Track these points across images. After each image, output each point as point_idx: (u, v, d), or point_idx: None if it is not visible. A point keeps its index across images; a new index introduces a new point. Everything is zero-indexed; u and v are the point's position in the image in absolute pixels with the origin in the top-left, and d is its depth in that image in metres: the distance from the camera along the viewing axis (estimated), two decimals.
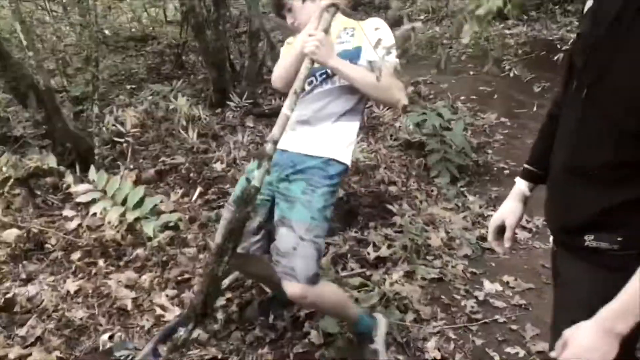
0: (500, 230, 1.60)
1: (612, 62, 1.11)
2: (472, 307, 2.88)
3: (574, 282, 1.31)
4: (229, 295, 2.83)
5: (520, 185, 1.58)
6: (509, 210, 1.57)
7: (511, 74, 7.04)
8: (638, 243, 1.17)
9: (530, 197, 1.58)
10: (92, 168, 3.16)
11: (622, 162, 1.15)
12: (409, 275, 3.07)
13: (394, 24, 2.78)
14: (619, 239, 1.18)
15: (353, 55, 2.09)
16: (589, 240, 1.22)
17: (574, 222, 1.27)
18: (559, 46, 7.23)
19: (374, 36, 1.89)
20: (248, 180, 1.96)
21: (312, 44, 1.89)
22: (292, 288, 1.98)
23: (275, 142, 1.83)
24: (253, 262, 2.34)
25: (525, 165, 1.58)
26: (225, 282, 2.87)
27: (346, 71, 2.01)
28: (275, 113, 5.58)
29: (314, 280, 2.00)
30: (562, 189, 1.32)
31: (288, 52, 2.22)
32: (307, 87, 2.13)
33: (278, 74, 2.24)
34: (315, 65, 1.94)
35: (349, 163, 2.18)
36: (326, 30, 1.94)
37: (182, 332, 1.99)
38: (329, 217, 2.12)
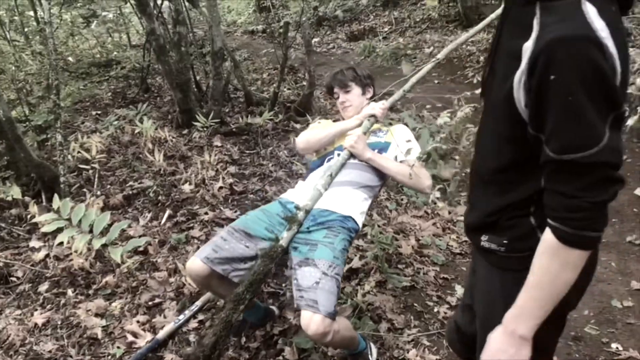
0: None
1: (492, 80, 1.26)
2: (445, 312, 2.90)
3: (481, 279, 1.42)
4: (201, 317, 2.80)
5: None
6: None
7: (474, 81, 7.17)
8: (521, 246, 1.24)
9: None
10: (56, 196, 3.11)
11: (504, 167, 1.25)
12: (381, 285, 3.08)
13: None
14: (504, 241, 1.28)
15: (383, 147, 2.60)
16: (484, 240, 1.33)
17: (474, 223, 1.38)
18: None
19: (405, 146, 2.48)
20: (282, 204, 2.47)
21: (352, 139, 2.42)
22: (313, 320, 1.97)
23: (308, 212, 2.24)
24: (229, 285, 2.33)
25: None
26: (198, 303, 2.85)
27: (380, 162, 2.48)
28: (242, 131, 5.63)
29: (333, 315, 2.02)
30: (470, 191, 1.44)
31: (321, 129, 2.70)
32: (326, 163, 2.59)
33: (307, 143, 2.68)
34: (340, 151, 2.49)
35: (360, 227, 2.46)
36: (365, 133, 2.48)
37: None
38: (343, 267, 2.27)
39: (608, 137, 1.02)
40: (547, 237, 1.12)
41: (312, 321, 1.96)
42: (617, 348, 2.62)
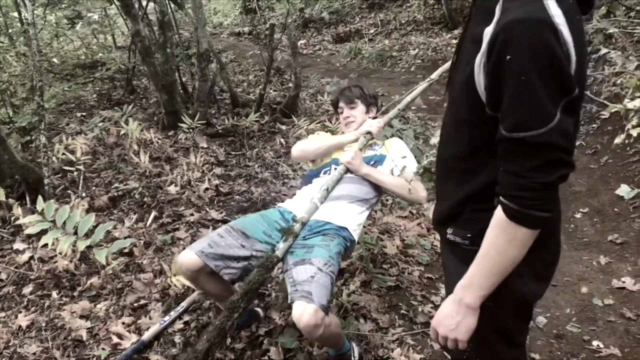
0: None
1: (456, 69, 1.30)
2: (430, 312, 2.93)
3: (448, 272, 1.46)
4: (186, 318, 2.81)
5: None
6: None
7: None
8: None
9: None
10: (40, 198, 3.09)
11: (464, 153, 1.29)
12: (366, 285, 3.11)
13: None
14: (468, 235, 1.31)
15: (379, 159, 2.68)
16: (450, 233, 1.36)
17: (440, 214, 1.42)
18: None
19: (401, 162, 2.52)
20: (280, 212, 2.55)
21: (349, 155, 2.50)
22: (306, 310, 1.98)
23: (304, 224, 2.31)
24: (217, 282, 2.38)
25: None
26: (183, 304, 2.85)
27: (376, 176, 2.55)
28: (228, 133, 5.63)
29: (325, 309, 2.03)
30: (436, 182, 1.48)
31: (319, 141, 2.78)
32: (323, 174, 2.67)
33: (303, 152, 2.76)
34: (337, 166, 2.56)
35: (356, 240, 2.53)
36: (361, 149, 2.58)
37: None
38: (338, 270, 2.30)
39: (558, 119, 1.06)
40: (498, 212, 1.17)
41: (305, 311, 1.97)
42: (598, 345, 2.66)
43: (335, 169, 2.56)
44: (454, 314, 1.27)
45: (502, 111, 1.12)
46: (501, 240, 1.17)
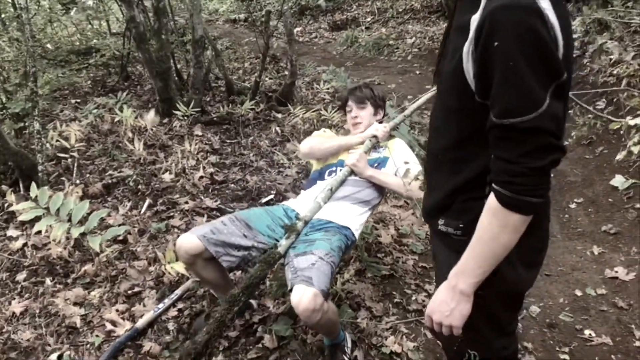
0: None
1: (443, 59, 1.31)
2: (423, 300, 2.94)
3: (439, 263, 1.46)
4: (180, 305, 2.81)
5: None
6: None
7: None
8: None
9: None
10: (33, 185, 3.07)
11: (454, 143, 1.29)
12: (361, 274, 3.11)
13: None
14: (460, 225, 1.31)
15: (382, 161, 2.71)
16: (441, 224, 1.36)
17: (431, 206, 1.42)
18: None
19: (404, 167, 2.52)
20: (284, 210, 2.58)
21: (354, 158, 2.55)
22: (305, 294, 1.99)
23: (307, 223, 2.31)
24: (213, 269, 2.39)
25: None
26: (177, 292, 2.85)
27: (380, 178, 2.59)
28: (223, 121, 5.61)
29: (325, 294, 2.05)
30: (426, 173, 1.48)
31: (325, 140, 2.82)
32: (327, 176, 2.70)
33: (311, 149, 2.79)
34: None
35: (356, 239, 2.56)
36: (366, 152, 2.62)
37: None
38: (338, 263, 2.34)
39: (548, 104, 1.06)
40: (490, 199, 1.17)
41: (304, 295, 1.98)
42: (590, 334, 2.68)
43: (341, 170, 2.60)
44: (449, 300, 1.27)
45: (491, 98, 1.12)
46: (494, 226, 1.17)
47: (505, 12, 1.06)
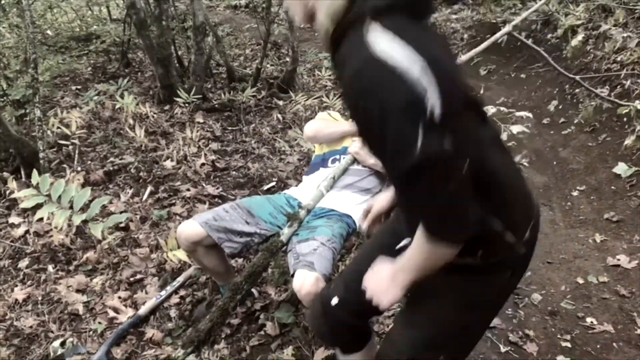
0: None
1: None
2: None
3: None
4: (182, 293, 2.81)
5: None
6: (381, 199, 1.75)
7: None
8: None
9: None
10: (35, 172, 3.07)
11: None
12: None
13: None
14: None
15: None
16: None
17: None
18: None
19: None
20: (286, 198, 2.56)
21: (358, 146, 2.52)
22: (307, 278, 2.00)
23: (309, 211, 2.33)
24: (214, 256, 2.40)
25: None
26: (180, 279, 2.86)
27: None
28: (224, 108, 5.59)
29: (327, 279, 2.05)
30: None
31: (331, 124, 2.79)
32: (331, 164, 2.67)
33: (317, 133, 2.75)
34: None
35: (357, 227, 2.51)
36: None
37: None
38: (340, 250, 2.36)
39: (422, 139, 0.99)
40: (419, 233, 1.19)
41: (306, 280, 1.99)
42: (591, 322, 2.68)
43: (344, 158, 2.60)
44: (387, 286, 1.32)
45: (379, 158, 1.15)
46: (423, 249, 1.19)
47: (353, 80, 1.04)
